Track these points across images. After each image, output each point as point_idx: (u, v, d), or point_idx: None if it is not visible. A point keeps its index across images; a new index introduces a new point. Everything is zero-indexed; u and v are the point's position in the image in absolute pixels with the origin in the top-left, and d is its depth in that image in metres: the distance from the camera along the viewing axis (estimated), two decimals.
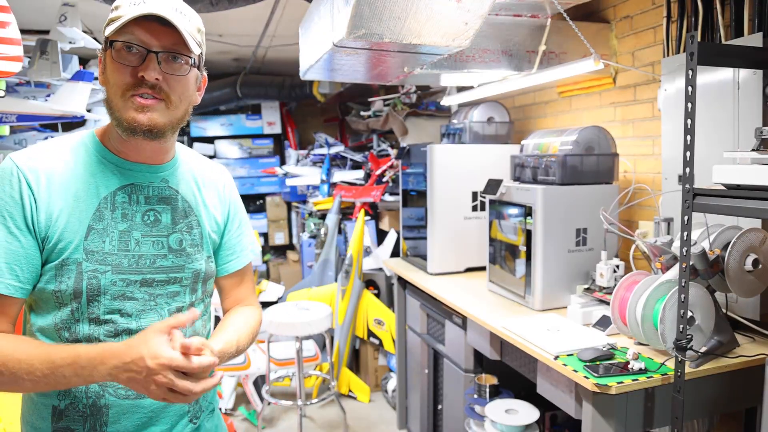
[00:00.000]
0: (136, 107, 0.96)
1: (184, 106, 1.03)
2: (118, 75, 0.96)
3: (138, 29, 0.95)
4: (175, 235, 1.08)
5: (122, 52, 0.96)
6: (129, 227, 1.03)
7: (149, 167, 1.07)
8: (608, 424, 1.49)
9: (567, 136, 2.18)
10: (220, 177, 1.22)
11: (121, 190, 1.03)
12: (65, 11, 2.68)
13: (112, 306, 1.00)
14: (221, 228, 1.19)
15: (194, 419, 1.13)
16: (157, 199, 1.07)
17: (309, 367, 3.44)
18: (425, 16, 1.64)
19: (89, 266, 0.98)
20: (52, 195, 0.97)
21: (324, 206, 4.60)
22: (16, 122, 2.59)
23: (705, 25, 1.86)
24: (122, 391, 1.01)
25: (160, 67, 0.97)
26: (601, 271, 1.95)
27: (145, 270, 1.03)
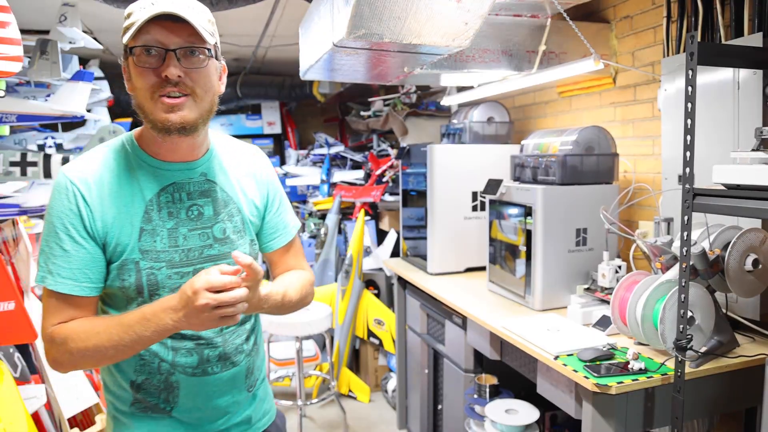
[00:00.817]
0: (166, 108, 1.01)
1: (209, 97, 1.08)
2: (142, 79, 1.01)
3: (153, 30, 0.99)
4: (219, 225, 1.15)
5: (142, 56, 1.01)
6: (176, 224, 1.11)
7: (187, 164, 1.13)
8: (608, 424, 1.49)
9: (567, 136, 2.18)
10: (255, 161, 1.27)
11: (164, 190, 1.11)
12: (65, 11, 2.67)
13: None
14: (261, 211, 1.25)
15: (251, 388, 1.25)
16: (198, 194, 1.14)
17: (309, 367, 3.44)
18: (425, 16, 1.64)
19: (146, 264, 1.08)
20: (104, 203, 1.06)
21: (324, 206, 4.60)
22: (16, 122, 2.59)
23: (705, 25, 1.86)
24: (190, 369, 1.13)
25: (180, 64, 1.01)
26: (603, 271, 1.95)
27: (195, 261, 1.12)
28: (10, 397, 1.61)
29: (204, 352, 1.15)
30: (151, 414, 1.14)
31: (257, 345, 1.29)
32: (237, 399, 1.22)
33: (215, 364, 1.16)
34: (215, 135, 1.24)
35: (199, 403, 1.16)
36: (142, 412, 1.14)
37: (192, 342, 1.13)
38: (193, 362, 1.14)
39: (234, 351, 1.19)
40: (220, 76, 1.13)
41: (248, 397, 1.25)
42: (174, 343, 1.13)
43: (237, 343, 1.20)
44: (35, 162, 2.49)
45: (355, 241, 3.77)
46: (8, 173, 2.46)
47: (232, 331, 1.19)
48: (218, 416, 1.19)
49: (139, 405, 1.14)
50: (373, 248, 4.02)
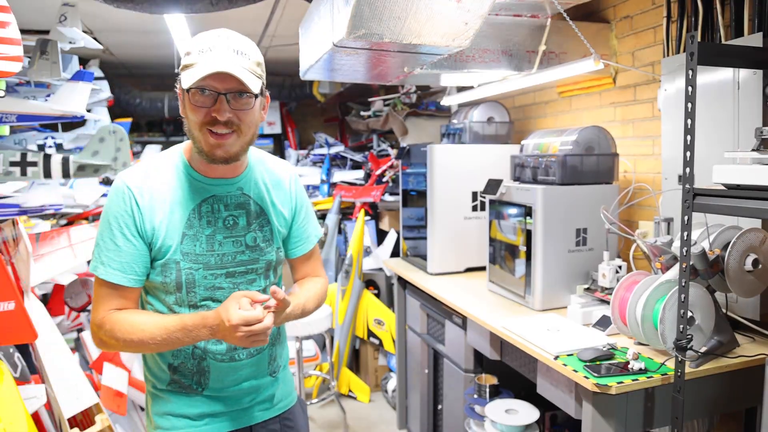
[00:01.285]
0: (213, 142, 1.18)
1: (251, 131, 1.24)
2: (195, 114, 1.17)
3: (209, 77, 1.13)
4: (251, 234, 1.31)
5: (197, 96, 1.16)
6: (213, 232, 1.27)
7: (226, 180, 1.29)
8: (608, 424, 1.49)
9: (567, 136, 2.18)
10: (286, 176, 1.42)
11: (205, 202, 1.27)
12: (65, 11, 2.68)
13: (205, 294, 1.27)
14: (289, 221, 1.41)
15: (273, 373, 1.41)
16: (234, 206, 1.30)
17: (309, 367, 3.44)
18: (425, 16, 1.64)
19: (186, 265, 1.24)
20: (154, 208, 1.23)
21: (324, 206, 4.60)
22: (16, 122, 2.59)
23: (705, 25, 1.86)
24: (219, 356, 1.30)
25: (229, 106, 1.16)
26: (604, 271, 1.95)
27: (228, 265, 1.29)
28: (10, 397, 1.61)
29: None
30: (186, 392, 1.31)
31: (281, 336, 1.46)
32: (261, 382, 1.37)
33: (242, 351, 1.32)
34: (254, 152, 1.38)
35: (227, 384, 1.32)
36: (177, 390, 1.31)
37: None
38: (222, 350, 1.30)
39: None
40: (264, 107, 1.28)
41: (271, 381, 1.40)
42: None
43: None
44: (35, 162, 2.49)
45: (355, 241, 3.77)
46: (8, 173, 2.46)
47: None
48: (243, 396, 1.35)
49: (175, 385, 1.31)
50: (373, 248, 4.02)
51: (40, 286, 2.47)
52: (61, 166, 2.50)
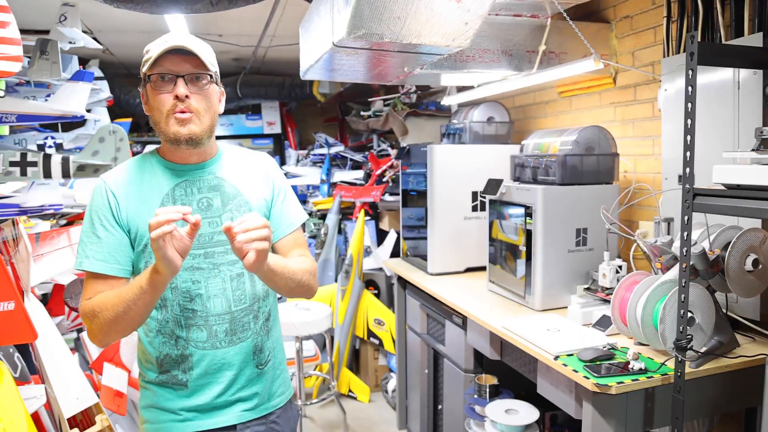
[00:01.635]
0: (177, 122, 1.25)
1: (210, 115, 1.30)
2: (159, 101, 1.25)
3: (166, 62, 1.24)
4: (227, 214, 1.33)
5: (158, 82, 1.25)
6: None
7: (197, 165, 1.35)
8: (608, 424, 1.49)
9: (567, 136, 2.18)
10: (262, 161, 1.47)
11: (178, 186, 1.32)
12: (65, 11, 2.68)
13: (186, 276, 1.29)
14: (269, 203, 1.42)
15: (260, 365, 1.39)
16: (208, 188, 1.34)
17: (309, 367, 3.44)
18: (425, 16, 1.64)
19: None
20: (129, 197, 1.29)
21: (324, 206, 4.60)
22: (16, 122, 2.59)
23: (705, 25, 1.86)
24: (200, 343, 1.31)
25: (187, 87, 1.25)
26: (604, 271, 1.95)
27: (206, 245, 1.31)
28: (10, 397, 1.61)
29: (212, 327, 1.32)
30: (172, 385, 1.33)
31: (269, 328, 1.43)
32: (245, 373, 1.36)
33: (223, 339, 1.32)
34: (227, 145, 1.46)
35: (211, 372, 1.33)
36: (165, 383, 1.33)
37: (202, 318, 1.31)
38: (203, 337, 1.31)
39: (241, 327, 1.35)
40: (219, 99, 1.35)
41: (257, 374, 1.38)
42: (187, 320, 1.31)
43: (245, 321, 1.35)
44: (35, 162, 2.49)
45: (355, 241, 3.77)
46: (8, 173, 2.45)
47: (240, 309, 1.35)
48: (227, 388, 1.34)
49: (163, 377, 1.33)
50: (373, 248, 4.02)
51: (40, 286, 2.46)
52: (61, 166, 2.50)
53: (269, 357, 1.42)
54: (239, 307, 1.35)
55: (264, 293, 1.41)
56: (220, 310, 1.32)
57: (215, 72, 1.32)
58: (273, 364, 1.44)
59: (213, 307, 1.32)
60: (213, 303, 1.32)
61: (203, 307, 1.31)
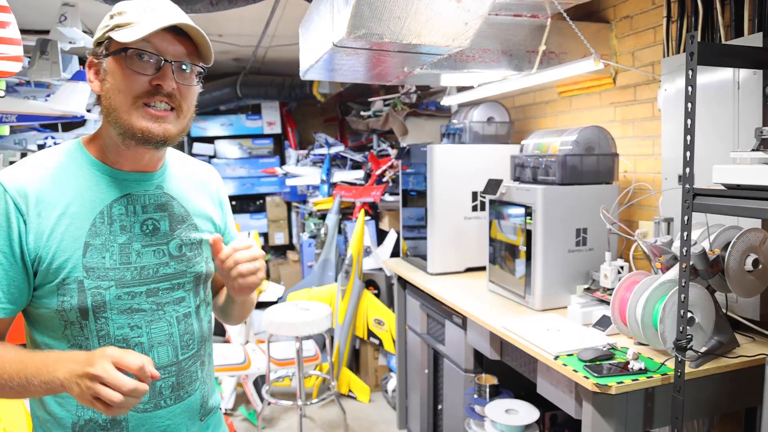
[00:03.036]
0: (150, 117, 0.97)
1: (189, 115, 1.04)
2: (131, 83, 0.96)
3: (154, 37, 0.95)
4: (175, 241, 1.08)
5: (135, 60, 0.96)
6: (129, 239, 1.02)
7: (143, 175, 1.06)
8: (608, 424, 1.49)
9: (567, 136, 2.18)
10: (211, 178, 1.22)
11: (117, 202, 1.02)
12: (65, 11, 2.68)
13: (121, 321, 1.00)
14: (218, 229, 1.20)
15: (203, 417, 1.16)
16: (154, 207, 1.06)
17: (309, 367, 3.44)
18: (425, 16, 1.64)
19: (91, 283, 0.98)
20: (41, 215, 0.95)
21: (324, 206, 4.60)
22: (16, 122, 2.59)
23: (705, 25, 1.86)
24: (140, 405, 1.03)
25: (174, 77, 0.98)
26: (605, 272, 1.95)
27: (149, 280, 1.03)
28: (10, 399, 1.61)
29: (156, 384, 1.04)
30: None
31: (210, 371, 1.21)
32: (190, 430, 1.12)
33: (168, 397, 1.07)
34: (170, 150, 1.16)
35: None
36: None
37: None
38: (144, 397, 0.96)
39: (188, 379, 1.10)
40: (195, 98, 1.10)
41: (201, 427, 1.16)
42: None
43: (192, 371, 1.11)
44: None
45: (355, 241, 3.77)
46: None
47: (188, 357, 1.10)
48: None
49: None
50: (373, 248, 4.02)
51: None
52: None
53: (212, 404, 1.20)
54: (187, 354, 1.09)
55: (208, 332, 1.18)
56: (165, 362, 1.05)
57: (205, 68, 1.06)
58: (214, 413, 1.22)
59: (156, 358, 1.04)
60: (156, 353, 1.04)
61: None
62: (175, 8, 1.00)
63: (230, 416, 3.42)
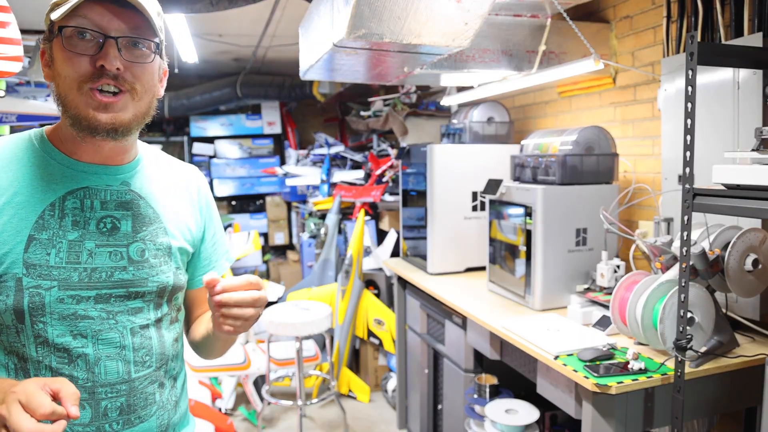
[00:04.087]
0: (96, 104, 0.87)
1: (148, 97, 0.93)
2: (70, 66, 0.86)
3: (91, 12, 0.85)
4: (137, 245, 0.96)
5: (74, 39, 0.85)
6: (81, 236, 0.91)
7: (106, 168, 0.95)
8: (608, 424, 1.49)
9: (567, 136, 2.18)
10: (191, 180, 1.10)
11: (72, 194, 0.91)
12: None
13: (62, 328, 0.89)
14: (195, 237, 1.08)
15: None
16: (116, 205, 0.95)
17: (309, 367, 3.44)
18: (425, 16, 1.64)
19: (30, 282, 0.87)
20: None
21: (324, 206, 4.60)
22: (16, 122, 2.59)
23: (705, 25, 1.86)
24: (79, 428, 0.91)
25: (120, 55, 0.87)
26: (602, 271, 1.95)
27: (100, 284, 0.92)
28: None
29: (101, 403, 0.92)
30: None
31: (177, 395, 1.05)
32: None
33: (115, 420, 0.93)
34: (146, 146, 1.07)
35: None
36: None
37: (86, 390, 0.90)
38: (85, 417, 0.90)
39: (142, 402, 0.96)
40: (161, 78, 0.98)
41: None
42: None
43: (147, 392, 0.97)
44: None
45: (355, 241, 3.77)
46: None
47: (143, 376, 0.96)
48: None
49: None
50: (373, 248, 4.02)
51: None
52: None
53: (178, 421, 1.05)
54: (142, 373, 0.95)
55: (173, 351, 1.03)
56: (113, 379, 0.92)
57: (161, 40, 0.93)
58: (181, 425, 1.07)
59: (103, 373, 0.91)
60: (104, 368, 0.91)
61: (88, 373, 0.90)
62: None
63: (230, 416, 3.42)
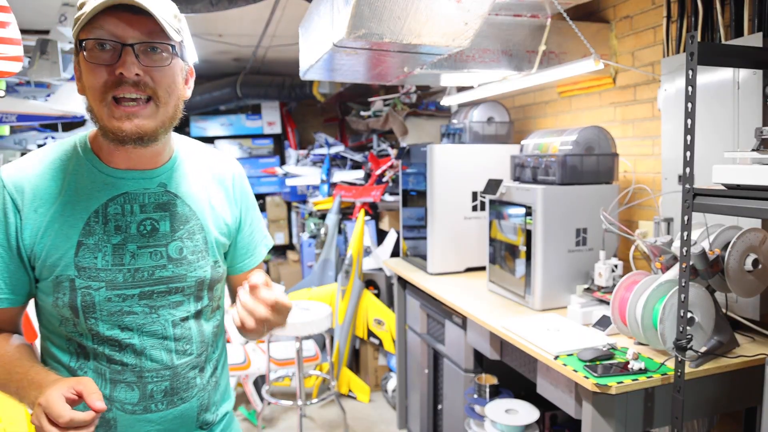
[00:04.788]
0: (119, 115, 0.90)
1: (173, 101, 0.96)
2: (93, 77, 0.90)
3: (107, 23, 0.88)
4: (175, 243, 1.03)
5: (95, 51, 0.89)
6: (123, 240, 0.99)
7: (143, 173, 1.01)
8: (608, 424, 1.49)
9: (567, 136, 2.18)
10: (227, 172, 1.14)
11: (113, 201, 0.98)
12: (65, 11, 2.68)
13: (110, 322, 0.98)
14: (232, 229, 1.13)
15: (205, 426, 1.12)
16: (154, 207, 1.01)
17: (309, 367, 3.44)
18: (425, 16, 1.64)
19: (82, 283, 0.96)
20: (37, 211, 0.95)
21: (324, 206, 4.60)
22: (16, 122, 2.59)
23: (705, 25, 1.86)
24: (129, 406, 1.01)
25: (138, 61, 0.90)
26: (600, 270, 1.95)
27: (143, 283, 1.00)
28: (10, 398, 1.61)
29: (148, 386, 1.02)
30: None
31: (217, 378, 1.15)
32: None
33: (160, 401, 1.03)
34: (183, 140, 1.11)
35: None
36: None
37: (134, 374, 1.00)
38: (133, 398, 1.01)
39: (184, 386, 1.06)
40: (186, 79, 1.01)
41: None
42: (113, 374, 1.00)
43: (189, 377, 1.06)
44: None
45: (355, 241, 3.77)
46: None
47: (184, 363, 1.05)
48: None
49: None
50: (373, 248, 4.02)
51: None
52: None
53: (215, 414, 1.14)
54: (183, 360, 1.05)
55: (213, 338, 1.12)
56: (158, 366, 1.02)
57: (180, 42, 0.95)
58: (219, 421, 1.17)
59: (149, 361, 1.01)
60: (149, 356, 1.01)
61: (136, 360, 1.00)
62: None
63: None
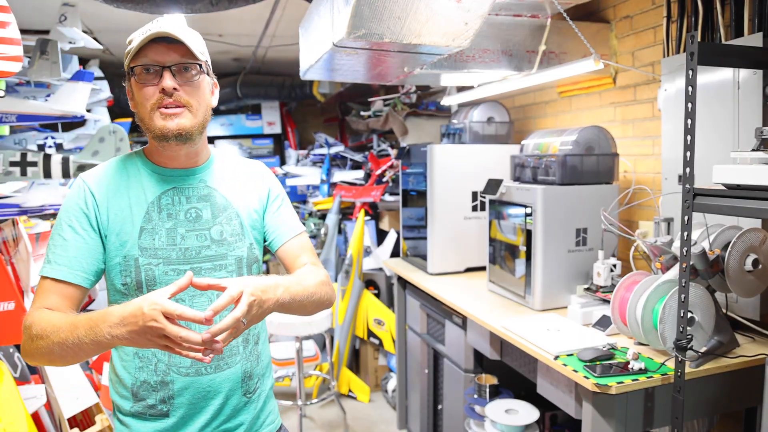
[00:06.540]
0: (164, 116, 1.15)
1: (203, 109, 1.21)
2: (143, 94, 1.15)
3: (151, 52, 1.14)
4: (216, 228, 1.25)
5: (143, 75, 1.15)
6: (174, 225, 1.21)
7: (187, 171, 1.26)
8: (608, 424, 1.49)
9: (567, 136, 2.18)
10: (255, 169, 1.39)
11: (165, 194, 1.23)
12: (65, 11, 2.67)
13: None
14: (260, 215, 1.34)
15: (248, 394, 1.29)
16: (197, 198, 1.25)
17: (309, 367, 3.44)
18: (425, 16, 1.64)
19: (144, 261, 1.18)
20: (110, 202, 1.19)
21: (324, 206, 4.60)
22: (16, 122, 2.59)
23: (705, 25, 1.86)
24: (183, 369, 1.20)
25: (175, 78, 1.15)
26: (598, 270, 1.95)
27: (192, 260, 1.21)
28: (10, 397, 1.61)
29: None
30: (150, 416, 1.21)
31: (258, 352, 1.32)
32: (232, 402, 1.26)
33: (209, 365, 1.21)
34: (218, 150, 1.36)
35: (194, 402, 1.22)
36: (141, 414, 1.21)
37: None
38: (186, 362, 1.20)
39: (228, 352, 1.25)
40: (212, 91, 1.27)
41: (244, 403, 1.29)
42: None
43: (232, 345, 1.25)
44: (35, 162, 2.49)
45: (355, 241, 3.77)
46: (8, 173, 2.46)
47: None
48: (212, 417, 1.24)
49: (139, 407, 1.21)
50: (373, 248, 4.02)
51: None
52: (61, 166, 2.50)
53: (257, 384, 1.32)
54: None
55: None
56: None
57: (206, 61, 1.23)
58: (260, 393, 1.33)
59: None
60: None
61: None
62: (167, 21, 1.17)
63: None
